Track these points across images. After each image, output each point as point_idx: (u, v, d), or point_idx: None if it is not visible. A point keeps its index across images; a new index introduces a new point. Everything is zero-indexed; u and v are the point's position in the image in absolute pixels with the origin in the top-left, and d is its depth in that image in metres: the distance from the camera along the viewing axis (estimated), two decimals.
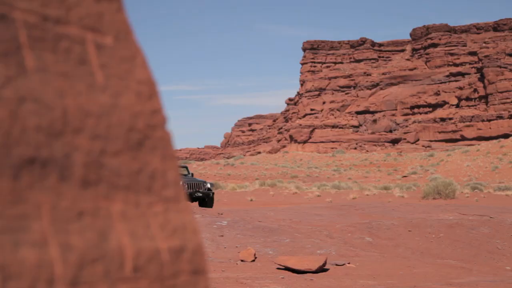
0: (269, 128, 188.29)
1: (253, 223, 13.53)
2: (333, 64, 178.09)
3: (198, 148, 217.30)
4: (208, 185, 22.58)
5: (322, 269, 9.72)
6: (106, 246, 0.86)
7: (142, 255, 0.90)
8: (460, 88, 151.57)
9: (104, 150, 0.93)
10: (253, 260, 10.55)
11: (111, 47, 1.03)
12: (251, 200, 29.11)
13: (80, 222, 0.84)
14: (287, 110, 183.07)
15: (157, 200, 0.98)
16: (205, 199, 22.29)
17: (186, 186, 21.40)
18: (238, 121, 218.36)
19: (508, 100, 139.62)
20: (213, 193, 22.49)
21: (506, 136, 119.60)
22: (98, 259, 0.84)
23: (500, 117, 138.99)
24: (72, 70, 0.95)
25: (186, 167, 23.86)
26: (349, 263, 10.42)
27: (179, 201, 1.01)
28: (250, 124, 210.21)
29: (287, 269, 9.66)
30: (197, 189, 21.99)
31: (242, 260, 10.53)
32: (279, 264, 9.81)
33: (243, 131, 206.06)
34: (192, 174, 23.52)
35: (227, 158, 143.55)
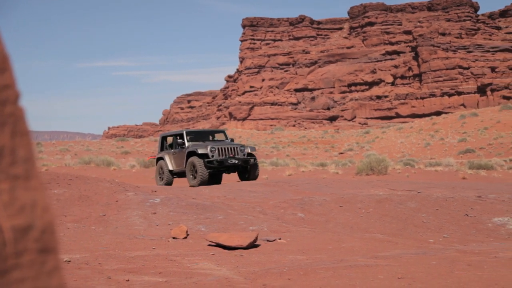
0: (209, 105, 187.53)
1: (187, 200, 13.50)
2: (273, 42, 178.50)
3: (136, 125, 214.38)
4: (248, 150, 18.76)
5: (253, 245, 9.82)
6: None
7: None
8: (396, 67, 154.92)
9: None
10: (185, 237, 10.55)
11: None
12: None
13: None
14: (226, 87, 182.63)
15: (3, 178, 0.95)
16: (247, 168, 18.75)
17: (216, 152, 18.08)
18: (177, 98, 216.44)
19: (440, 79, 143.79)
20: (255, 159, 18.73)
21: (438, 113, 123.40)
22: None
23: (433, 95, 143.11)
24: None
25: (224, 132, 20.70)
26: (280, 239, 10.57)
27: (29, 179, 0.99)
28: (189, 101, 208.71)
29: (219, 245, 9.72)
30: (232, 155, 18.29)
31: (174, 237, 10.51)
32: (210, 241, 9.84)
33: (182, 108, 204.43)
34: (232, 140, 20.01)
35: None
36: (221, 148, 18.10)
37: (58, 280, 0.96)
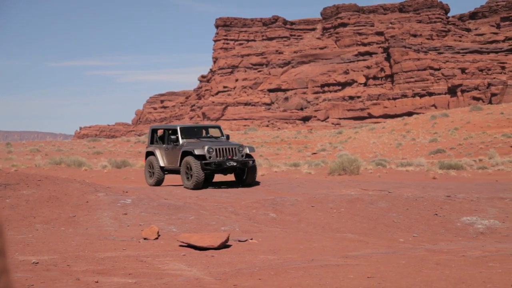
0: (182, 105, 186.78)
1: (159, 201, 13.43)
2: (246, 42, 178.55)
3: (108, 125, 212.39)
4: (246, 150, 17.37)
5: (224, 246, 9.81)
6: None
7: None
8: (368, 67, 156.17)
9: None
10: (156, 238, 10.49)
11: None
12: None
13: None
14: (200, 87, 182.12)
15: None
16: (244, 170, 17.43)
17: (214, 153, 16.78)
18: (150, 97, 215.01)
19: (412, 80, 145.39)
20: (253, 161, 17.40)
21: (409, 114, 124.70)
22: None
23: (404, 95, 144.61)
24: None
25: (219, 127, 19.08)
26: (251, 239, 10.57)
27: None
28: (162, 101, 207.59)
29: (190, 246, 9.69)
30: (230, 157, 16.99)
31: (145, 238, 10.45)
32: (181, 242, 9.81)
33: (155, 108, 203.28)
34: (228, 137, 18.42)
35: (139, 135, 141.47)
36: (219, 149, 16.91)
37: (6, 283, 0.94)
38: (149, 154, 18.72)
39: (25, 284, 6.88)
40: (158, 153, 18.30)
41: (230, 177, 19.53)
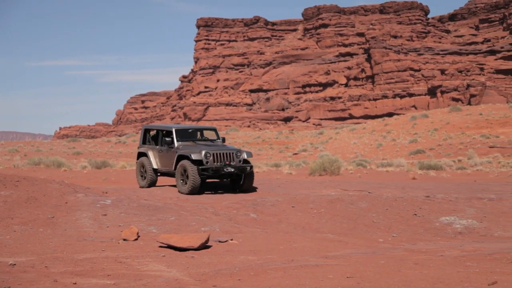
0: (163, 106, 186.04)
1: (139, 202, 13.35)
2: (227, 42, 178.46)
3: (89, 126, 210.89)
4: (244, 155, 16.62)
5: (204, 246, 9.79)
6: None
7: None
8: (349, 68, 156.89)
9: None
10: (136, 239, 10.45)
11: None
12: None
13: None
14: (181, 88, 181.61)
15: None
16: (241, 176, 16.67)
17: (211, 158, 16.09)
18: (131, 98, 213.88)
19: (392, 80, 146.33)
20: (251, 167, 16.63)
21: (390, 114, 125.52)
22: None
23: (385, 96, 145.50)
24: None
25: (215, 130, 18.07)
26: (232, 240, 10.57)
27: None
28: (143, 101, 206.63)
29: (170, 247, 9.66)
30: (227, 162, 16.30)
31: (124, 239, 10.39)
32: (161, 242, 9.77)
33: (136, 108, 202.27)
34: (224, 140, 17.69)
35: (119, 135, 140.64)
36: (216, 154, 16.22)
37: None
38: (141, 155, 18.15)
39: (2, 286, 6.80)
40: (151, 154, 17.71)
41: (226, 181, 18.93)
